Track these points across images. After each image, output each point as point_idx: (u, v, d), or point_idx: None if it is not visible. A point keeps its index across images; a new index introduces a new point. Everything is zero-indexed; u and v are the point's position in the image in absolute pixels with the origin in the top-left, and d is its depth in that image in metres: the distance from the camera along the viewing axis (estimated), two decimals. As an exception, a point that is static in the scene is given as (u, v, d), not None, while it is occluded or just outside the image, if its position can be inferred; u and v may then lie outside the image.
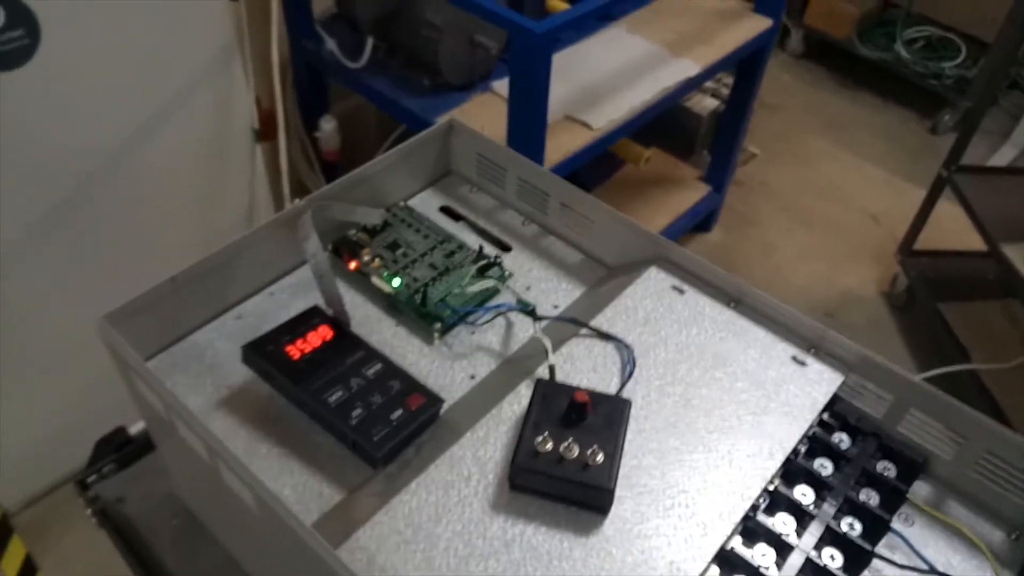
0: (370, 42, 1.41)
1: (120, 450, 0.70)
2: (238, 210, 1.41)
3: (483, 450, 0.56)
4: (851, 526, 0.56)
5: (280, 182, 1.40)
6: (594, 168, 1.84)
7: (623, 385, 0.60)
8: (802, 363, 0.62)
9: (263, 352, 0.59)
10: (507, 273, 0.71)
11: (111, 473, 0.70)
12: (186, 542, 0.66)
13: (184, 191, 1.30)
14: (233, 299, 0.67)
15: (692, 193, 1.90)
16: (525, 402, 0.58)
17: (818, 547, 0.54)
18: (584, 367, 0.62)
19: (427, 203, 0.79)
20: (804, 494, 0.57)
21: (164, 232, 1.29)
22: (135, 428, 0.71)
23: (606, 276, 0.72)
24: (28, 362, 1.21)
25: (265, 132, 1.36)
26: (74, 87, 1.07)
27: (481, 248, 0.73)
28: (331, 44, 1.45)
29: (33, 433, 1.29)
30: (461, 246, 0.73)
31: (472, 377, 0.63)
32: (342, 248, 0.71)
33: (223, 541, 0.67)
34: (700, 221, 1.95)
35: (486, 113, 1.36)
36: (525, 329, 0.66)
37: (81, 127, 1.11)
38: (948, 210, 1.78)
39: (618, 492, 0.53)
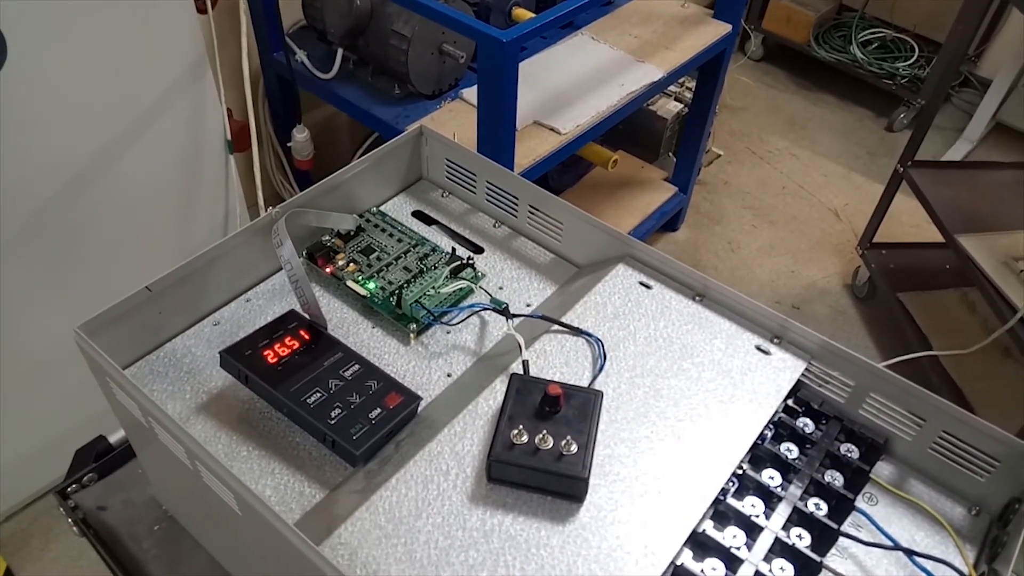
0: (340, 53, 1.41)
1: (100, 459, 0.70)
2: (213, 220, 1.41)
3: (460, 445, 0.57)
4: (817, 506, 0.57)
5: (255, 192, 1.40)
6: (563, 172, 1.86)
7: (595, 378, 0.62)
8: (766, 352, 0.64)
9: (241, 357, 0.60)
10: (480, 274, 0.73)
11: (91, 482, 0.70)
12: (169, 548, 0.66)
13: (159, 202, 1.30)
14: (210, 306, 0.68)
15: (659, 194, 1.94)
16: (500, 397, 0.59)
17: (786, 527, 0.56)
18: (557, 362, 0.63)
19: (400, 208, 0.80)
20: (771, 477, 0.58)
21: (141, 243, 1.28)
22: (115, 437, 0.71)
23: (576, 274, 0.74)
24: (5, 374, 1.20)
25: (238, 143, 1.36)
26: (44, 103, 1.06)
27: (454, 250, 0.74)
28: (301, 55, 1.45)
29: (12, 445, 1.28)
30: (434, 249, 0.74)
31: (448, 375, 0.64)
32: (317, 253, 0.72)
33: (206, 545, 0.67)
34: (667, 221, 1.98)
35: (456, 120, 1.37)
36: (499, 327, 0.68)
37: (54, 142, 1.10)
38: (905, 204, 1.83)
39: (592, 481, 0.54)
